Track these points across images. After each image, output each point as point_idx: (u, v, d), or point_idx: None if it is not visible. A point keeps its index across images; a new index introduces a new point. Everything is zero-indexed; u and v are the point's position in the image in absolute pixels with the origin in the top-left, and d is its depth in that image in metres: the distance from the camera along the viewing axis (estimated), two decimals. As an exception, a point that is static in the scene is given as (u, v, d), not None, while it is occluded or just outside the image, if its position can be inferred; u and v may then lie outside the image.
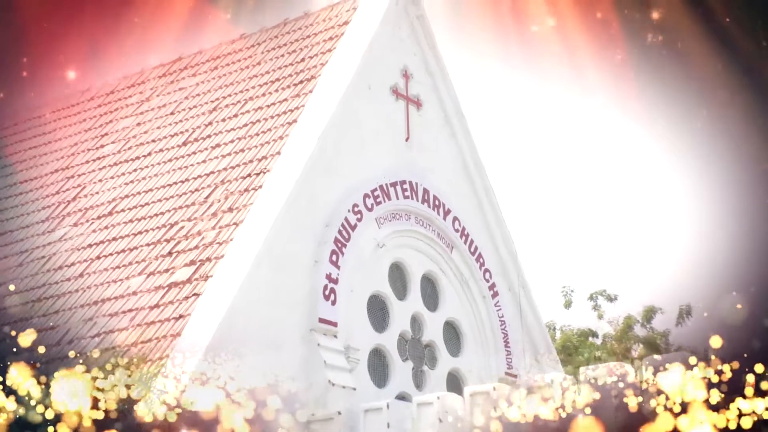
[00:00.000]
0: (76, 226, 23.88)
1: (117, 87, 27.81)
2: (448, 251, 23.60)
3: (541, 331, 25.46)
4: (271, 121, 23.05)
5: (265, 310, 20.03)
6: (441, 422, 19.19)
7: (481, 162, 24.73)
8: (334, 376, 20.43)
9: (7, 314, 22.54)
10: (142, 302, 20.70)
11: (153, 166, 24.15)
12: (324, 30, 24.52)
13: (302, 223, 21.11)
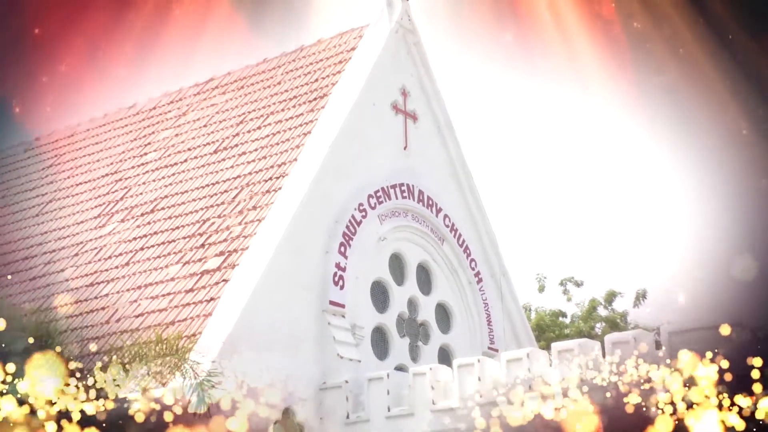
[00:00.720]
0: (123, 222, 23.85)
1: (158, 103, 27.78)
2: (440, 243, 23.56)
3: (518, 312, 25.45)
4: (289, 132, 23.02)
5: (283, 293, 20.02)
6: (433, 389, 19.16)
7: (467, 167, 24.74)
8: (342, 350, 20.41)
9: (64, 297, 22.53)
10: (179, 287, 20.70)
11: (188, 170, 24.13)
12: (334, 55, 24.47)
13: (315, 220, 21.07)
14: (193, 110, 26.32)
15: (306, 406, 19.70)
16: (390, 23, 23.74)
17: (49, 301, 22.37)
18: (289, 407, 19.45)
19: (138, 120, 27.58)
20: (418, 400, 19.12)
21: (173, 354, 16.71)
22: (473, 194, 24.70)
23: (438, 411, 18.85)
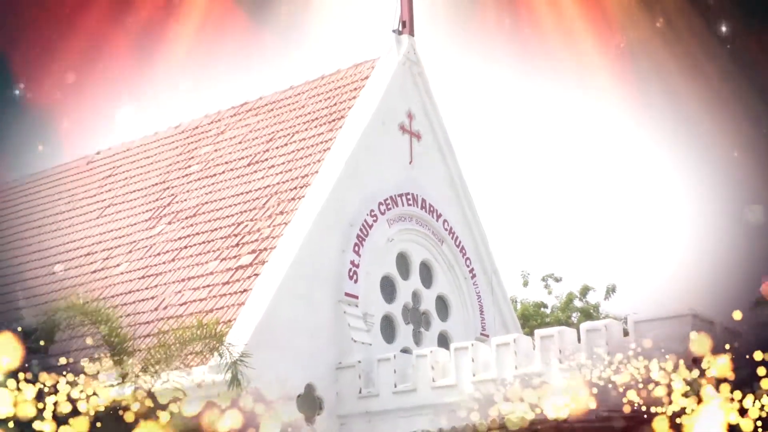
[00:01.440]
0: (170, 224, 23.86)
1: (200, 123, 27.77)
2: (440, 244, 23.50)
3: (506, 303, 25.40)
4: (311, 148, 23.02)
5: (305, 286, 20.00)
6: (433, 369, 19.12)
7: (463, 179, 24.68)
8: (355, 335, 20.38)
9: (119, 287, 22.54)
10: (217, 280, 20.69)
11: (225, 181, 24.15)
12: (350, 83, 24.45)
13: (333, 223, 21.04)
14: (229, 129, 26.34)
15: (324, 382, 19.69)
16: (398, 56, 23.72)
17: (107, 291, 22.41)
18: (310, 383, 19.43)
19: (183, 137, 27.60)
20: (420, 378, 19.08)
21: (211, 337, 16.70)
22: (468, 202, 24.63)
23: (437, 387, 18.82)
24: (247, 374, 16.73)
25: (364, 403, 19.46)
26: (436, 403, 18.51)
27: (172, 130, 28.43)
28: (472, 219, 24.56)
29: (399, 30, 23.94)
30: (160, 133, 28.81)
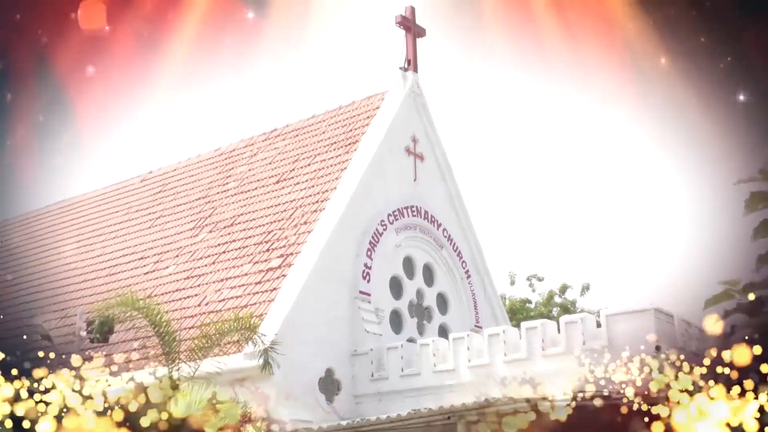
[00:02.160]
0: (211, 233, 23.91)
1: (236, 146, 27.84)
2: (440, 249, 23.46)
3: (496, 300, 25.35)
4: (330, 168, 23.05)
5: (325, 285, 19.99)
6: (434, 356, 19.09)
7: (460, 193, 24.64)
8: (368, 327, 20.36)
9: (167, 287, 22.56)
10: (250, 280, 20.71)
11: (258, 195, 24.20)
12: (364, 112, 24.48)
13: (349, 232, 21.03)
14: (261, 152, 26.39)
15: (342, 367, 19.69)
16: (404, 89, 23.76)
17: (157, 289, 22.46)
18: (330, 368, 19.44)
19: (222, 159, 27.66)
20: (423, 363, 19.07)
21: (246, 328, 16.73)
22: (464, 213, 24.59)
23: (438, 372, 18.82)
24: (277, 360, 16.78)
25: (376, 385, 19.44)
26: (437, 385, 18.50)
27: (213, 152, 28.53)
28: (467, 227, 24.52)
29: (405, 67, 23.99)
30: (203, 155, 28.89)
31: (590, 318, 17.49)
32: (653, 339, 16.13)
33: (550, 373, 16.98)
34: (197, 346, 16.13)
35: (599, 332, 16.91)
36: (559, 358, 17.23)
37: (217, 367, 16.09)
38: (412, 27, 24.18)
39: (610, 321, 16.81)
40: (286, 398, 17.89)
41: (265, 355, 16.56)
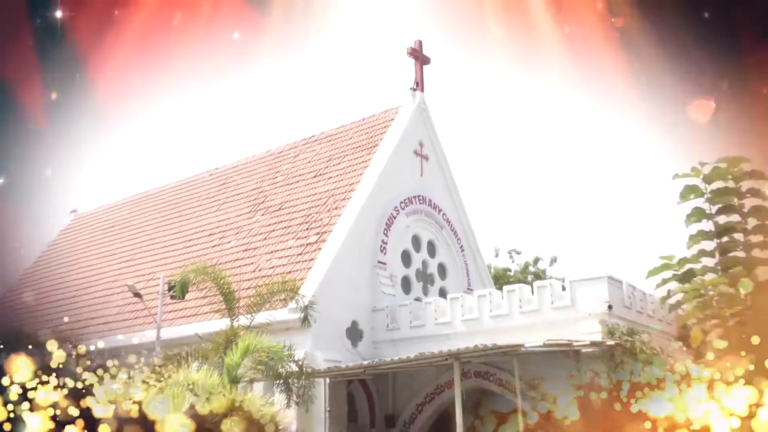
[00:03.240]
0: (264, 215, 23.97)
1: (283, 149, 27.81)
2: (440, 229, 23.44)
3: (484, 269, 25.36)
4: (356, 165, 23.02)
5: (352, 256, 20.01)
6: (435, 311, 19.09)
7: (456, 185, 24.55)
8: (384, 289, 20.40)
9: (230, 257, 22.61)
10: (293, 252, 20.77)
11: (300, 187, 24.20)
12: (381, 122, 24.41)
13: (370, 216, 21.03)
14: (302, 153, 26.38)
15: (364, 320, 19.73)
16: (413, 105, 23.68)
17: (221, 259, 22.55)
18: (355, 320, 19.49)
19: (272, 158, 27.66)
20: (427, 317, 19.09)
21: (290, 290, 16.79)
22: (458, 201, 24.53)
23: (438, 324, 18.83)
24: (313, 314, 16.85)
25: (390, 334, 19.50)
26: (438, 334, 18.51)
27: (264, 153, 28.52)
28: (461, 212, 24.47)
29: (414, 88, 23.97)
30: (257, 155, 28.88)
31: (557, 283, 17.46)
32: (606, 300, 16.12)
33: (525, 326, 17.00)
34: (252, 303, 16.23)
35: (564, 294, 16.87)
36: (533, 314, 17.23)
37: (268, 320, 16.19)
38: (420, 56, 24.12)
39: (572, 285, 16.77)
40: (321, 343, 17.98)
41: (305, 310, 16.64)
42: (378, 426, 18.89)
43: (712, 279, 11.07)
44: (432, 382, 18.33)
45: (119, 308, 24.29)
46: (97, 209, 34.58)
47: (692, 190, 11.38)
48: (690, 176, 11.41)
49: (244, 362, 13.30)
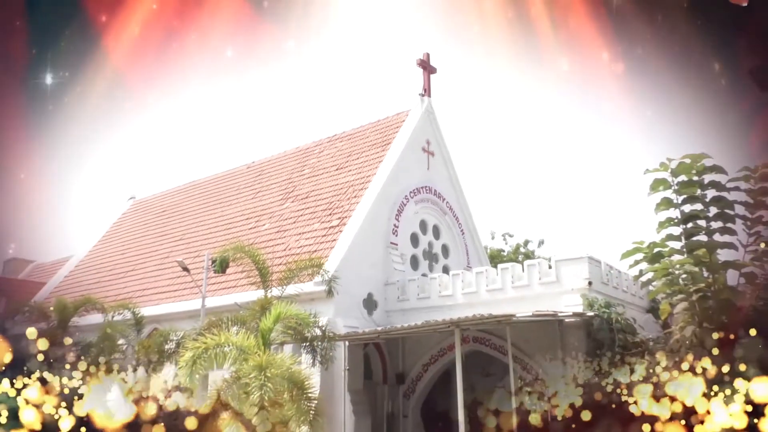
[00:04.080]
0: (293, 203, 23.94)
1: (309, 146, 27.75)
2: (444, 215, 23.38)
3: (481, 249, 25.21)
4: (372, 161, 22.92)
5: (368, 238, 19.99)
6: (439, 286, 19.05)
7: (457, 177, 24.41)
8: (396, 266, 20.37)
9: (264, 238, 22.67)
10: (318, 234, 20.74)
11: (323, 178, 24.13)
12: (394, 123, 24.31)
13: (384, 203, 20.97)
14: (326, 149, 26.32)
15: (378, 292, 19.72)
16: (421, 109, 23.55)
17: (256, 239, 22.60)
18: (370, 292, 19.49)
19: (300, 154, 27.62)
20: (432, 290, 19.06)
21: (315, 266, 16.80)
22: (460, 191, 24.42)
23: (442, 296, 18.80)
24: (335, 287, 16.89)
25: (401, 304, 19.51)
26: (441, 305, 18.50)
27: (294, 149, 28.47)
28: (461, 200, 24.38)
29: (422, 94, 23.82)
30: (287, 151, 28.87)
31: (544, 262, 17.40)
32: (586, 277, 16.06)
33: (516, 299, 16.96)
34: (283, 277, 16.26)
35: (550, 272, 16.79)
36: (523, 289, 17.18)
37: (296, 291, 16.24)
38: (427, 66, 23.98)
39: (557, 264, 16.69)
40: (341, 312, 18.04)
41: (328, 283, 16.68)
42: (390, 382, 18.98)
43: (679, 260, 11.05)
44: (436, 346, 18.36)
45: (170, 281, 24.50)
46: (152, 196, 34.81)
47: (661, 183, 11.34)
48: (659, 171, 11.36)
49: (276, 327, 13.37)
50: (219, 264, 17.45)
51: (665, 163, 11.25)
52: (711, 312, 10.36)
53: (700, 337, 10.28)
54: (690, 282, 10.74)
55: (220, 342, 12.14)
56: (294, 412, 11.62)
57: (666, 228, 11.18)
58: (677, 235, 11.33)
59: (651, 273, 11.44)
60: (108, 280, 28.36)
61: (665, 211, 11.13)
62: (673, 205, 11.25)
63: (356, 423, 16.95)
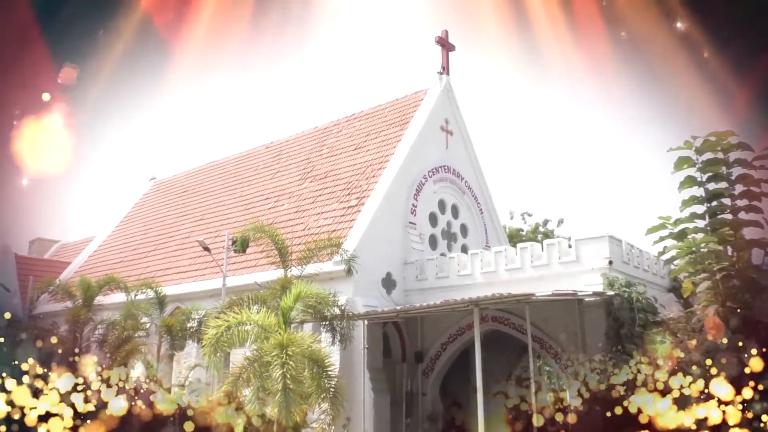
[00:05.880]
0: (311, 182, 23.93)
1: (327, 126, 27.68)
2: (462, 195, 23.21)
3: (500, 228, 25.06)
4: (390, 140, 22.78)
5: (387, 217, 19.93)
6: (458, 265, 19.01)
7: (476, 156, 24.17)
8: (414, 245, 20.34)
9: (283, 218, 22.75)
10: (337, 213, 20.75)
11: (342, 158, 24.07)
12: (412, 102, 24.10)
13: (402, 183, 20.86)
14: (344, 129, 26.21)
15: (397, 271, 19.70)
16: (440, 87, 23.31)
17: (276, 219, 22.68)
18: (389, 272, 19.49)
19: (318, 134, 27.56)
20: (451, 270, 19.02)
21: (334, 245, 16.83)
22: (478, 170, 24.18)
23: (460, 275, 18.76)
24: (354, 267, 16.92)
25: (419, 284, 19.50)
26: (460, 285, 18.44)
27: (312, 129, 28.42)
28: (480, 180, 24.17)
29: (440, 72, 23.56)
30: (306, 131, 28.86)
31: (564, 241, 17.24)
32: (606, 256, 15.91)
33: (535, 278, 16.87)
34: (302, 257, 16.33)
35: (570, 251, 16.65)
36: (542, 268, 17.07)
37: (316, 271, 16.30)
38: (446, 44, 23.68)
39: (577, 243, 16.54)
40: (360, 291, 18.09)
41: (347, 263, 16.71)
42: (409, 361, 19.08)
43: (703, 237, 10.88)
44: (455, 325, 18.37)
45: (191, 260, 24.74)
46: (173, 177, 35.07)
47: (685, 161, 11.13)
48: (683, 149, 11.14)
49: (296, 306, 13.44)
50: (239, 244, 17.57)
51: (689, 141, 11.03)
52: (735, 291, 10.21)
53: (723, 316, 10.14)
54: (714, 261, 10.58)
55: (242, 320, 12.24)
56: (314, 389, 11.72)
57: (690, 206, 11.01)
58: (701, 214, 11.15)
59: (675, 251, 11.29)
60: (130, 260, 28.73)
61: (689, 189, 10.94)
62: (697, 184, 11.05)
63: (375, 400, 17.08)
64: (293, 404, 11.09)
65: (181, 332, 18.69)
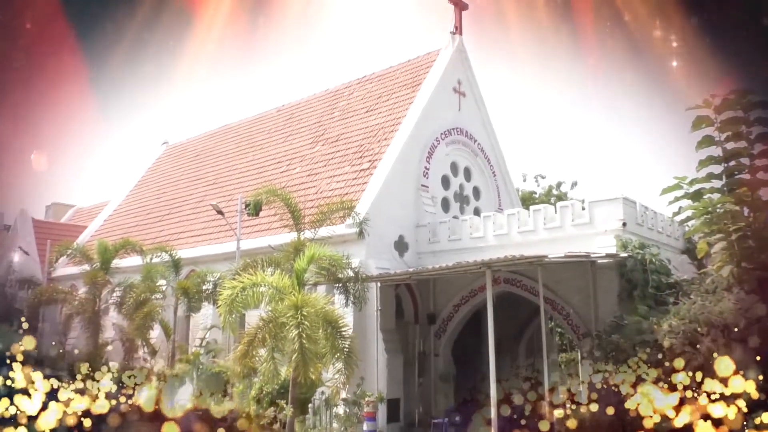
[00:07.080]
0: (323, 146, 23.86)
1: (338, 88, 27.44)
2: (475, 157, 23.04)
3: (513, 191, 24.95)
4: (402, 102, 22.57)
5: (399, 180, 19.88)
6: (470, 228, 18.99)
7: (489, 118, 23.91)
8: (427, 208, 20.32)
9: (295, 181, 22.76)
10: (349, 177, 20.72)
11: (354, 120, 23.94)
12: (425, 63, 23.78)
13: (414, 145, 20.73)
14: (356, 91, 25.98)
15: (409, 234, 19.72)
16: (452, 48, 22.94)
17: (288, 182, 22.67)
18: (401, 234, 19.50)
19: (330, 96, 27.36)
20: (464, 232, 19.01)
21: (347, 208, 16.85)
22: (491, 132, 23.96)
23: (473, 238, 18.74)
24: (367, 229, 16.96)
25: (432, 246, 19.53)
26: (472, 247, 18.45)
27: (324, 92, 28.21)
28: (493, 142, 23.96)
29: (453, 32, 23.14)
30: (317, 93, 28.64)
31: (577, 204, 17.13)
32: (620, 218, 15.80)
33: (548, 240, 16.82)
34: (315, 220, 16.37)
35: (583, 213, 16.55)
36: (555, 230, 17.01)
37: (329, 233, 16.35)
38: (459, 2, 23.22)
39: (591, 206, 16.42)
40: (373, 254, 18.15)
41: (360, 225, 16.76)
42: (421, 323, 19.25)
43: (719, 198, 10.75)
44: (467, 287, 18.45)
45: (205, 224, 24.92)
46: (186, 141, 35.10)
47: (703, 120, 10.92)
48: (701, 107, 10.92)
49: (309, 268, 13.52)
50: (253, 207, 17.64)
51: (708, 100, 10.80)
52: (751, 251, 10.11)
53: (738, 277, 10.08)
54: (730, 221, 10.47)
55: (257, 282, 12.35)
56: (329, 349, 11.87)
57: (707, 166, 10.84)
58: (718, 174, 10.99)
59: (690, 211, 11.17)
60: (145, 224, 28.99)
61: (706, 149, 10.76)
62: (715, 143, 10.85)
63: (389, 361, 17.30)
64: (309, 363, 11.26)
65: (197, 294, 18.95)
